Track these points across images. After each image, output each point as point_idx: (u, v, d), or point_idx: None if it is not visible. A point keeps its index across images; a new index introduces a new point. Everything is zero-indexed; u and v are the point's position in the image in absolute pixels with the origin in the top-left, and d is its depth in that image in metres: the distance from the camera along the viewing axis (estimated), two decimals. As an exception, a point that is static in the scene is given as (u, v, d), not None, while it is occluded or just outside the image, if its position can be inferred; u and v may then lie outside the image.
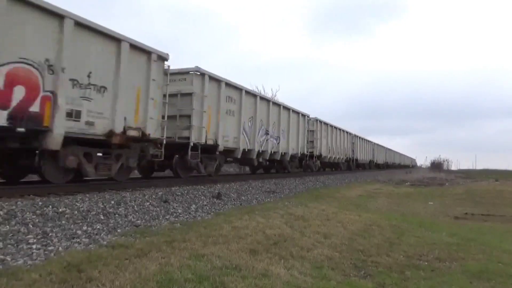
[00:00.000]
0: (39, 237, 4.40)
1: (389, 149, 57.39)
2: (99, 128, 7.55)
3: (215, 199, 8.75)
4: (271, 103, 15.78)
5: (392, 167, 56.70)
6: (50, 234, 4.56)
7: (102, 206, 6.26)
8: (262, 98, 15.31)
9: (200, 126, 10.70)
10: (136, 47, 8.34)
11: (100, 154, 7.92)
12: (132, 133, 8.28)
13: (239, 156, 13.22)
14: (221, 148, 11.74)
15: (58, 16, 6.61)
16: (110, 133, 7.74)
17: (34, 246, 4.08)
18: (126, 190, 8.08)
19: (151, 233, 5.16)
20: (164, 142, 9.37)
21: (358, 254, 5.49)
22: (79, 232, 4.82)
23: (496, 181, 27.34)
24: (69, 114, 6.89)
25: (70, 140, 7.05)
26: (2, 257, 3.68)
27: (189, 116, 10.48)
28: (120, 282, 3.30)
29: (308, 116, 20.38)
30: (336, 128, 25.60)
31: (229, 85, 12.18)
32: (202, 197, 8.70)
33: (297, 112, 18.64)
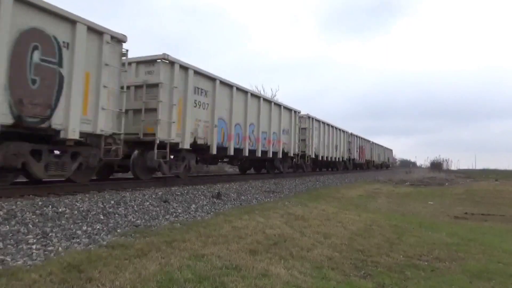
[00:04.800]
0: (39, 237, 4.40)
1: (376, 144, 43.07)
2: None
3: (215, 199, 8.75)
4: None
5: (378, 168, 44.59)
6: (50, 234, 4.55)
7: (102, 206, 6.26)
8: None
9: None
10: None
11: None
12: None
13: None
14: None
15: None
16: None
17: (34, 246, 4.07)
18: (126, 190, 8.08)
19: (151, 233, 5.16)
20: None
21: (358, 254, 5.49)
22: (79, 232, 4.81)
23: (496, 181, 27.36)
24: None
25: None
26: (2, 257, 3.67)
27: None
28: (120, 282, 3.30)
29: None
30: (249, 94, 13.49)
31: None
32: (202, 197, 8.70)
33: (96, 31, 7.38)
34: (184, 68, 9.97)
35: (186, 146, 10.15)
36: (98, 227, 5.17)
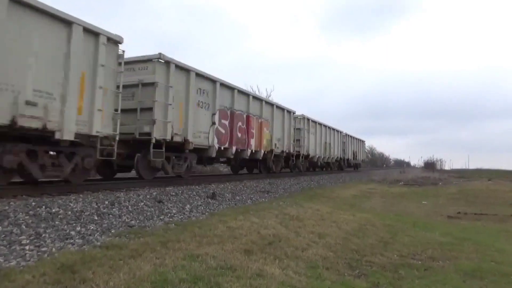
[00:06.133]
0: (32, 238, 4.37)
1: (320, 124, 23.38)
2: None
3: (209, 199, 8.73)
4: None
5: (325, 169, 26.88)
6: (43, 235, 4.52)
7: (96, 206, 6.22)
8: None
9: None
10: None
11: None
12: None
13: None
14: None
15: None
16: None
17: (27, 247, 4.04)
18: (120, 190, 8.05)
19: (145, 233, 5.14)
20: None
21: (352, 253, 5.52)
22: (72, 232, 4.79)
23: (489, 181, 27.57)
24: None
25: None
26: (-6, 258, 3.64)
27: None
28: (114, 283, 3.29)
29: None
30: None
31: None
32: (197, 197, 8.68)
33: None
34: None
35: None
36: (92, 227, 5.15)
